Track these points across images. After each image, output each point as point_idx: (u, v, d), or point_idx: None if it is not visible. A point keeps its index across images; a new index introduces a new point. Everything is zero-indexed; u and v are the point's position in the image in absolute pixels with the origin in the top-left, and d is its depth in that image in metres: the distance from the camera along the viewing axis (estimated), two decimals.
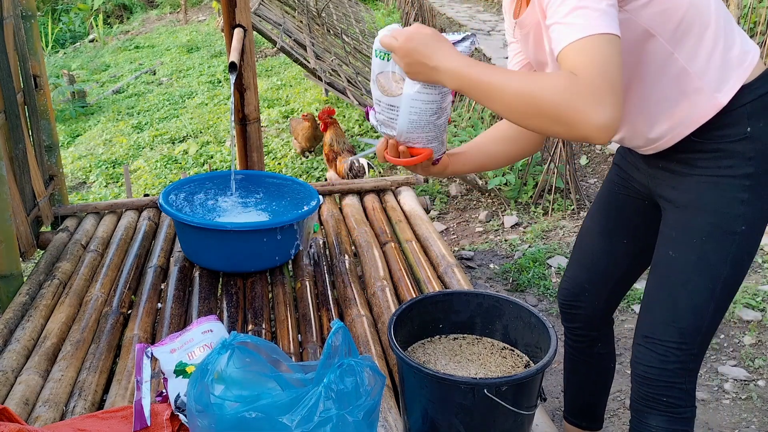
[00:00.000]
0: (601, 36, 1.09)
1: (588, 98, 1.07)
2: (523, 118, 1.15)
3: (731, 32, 1.32)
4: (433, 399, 1.49)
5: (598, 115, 1.06)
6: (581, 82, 1.08)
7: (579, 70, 1.08)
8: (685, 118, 1.33)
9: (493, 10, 10.17)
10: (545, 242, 3.56)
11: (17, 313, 2.23)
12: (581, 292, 1.74)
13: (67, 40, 11.13)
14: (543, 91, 1.10)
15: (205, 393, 1.31)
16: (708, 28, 1.28)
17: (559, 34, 1.13)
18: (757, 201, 1.34)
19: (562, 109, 1.08)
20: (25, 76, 2.83)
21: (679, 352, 1.42)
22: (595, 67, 1.08)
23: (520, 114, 1.15)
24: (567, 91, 1.08)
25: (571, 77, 1.09)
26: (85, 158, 5.46)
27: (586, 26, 1.09)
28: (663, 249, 1.44)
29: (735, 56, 1.30)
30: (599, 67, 1.08)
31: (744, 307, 2.84)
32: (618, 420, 2.32)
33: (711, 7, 1.29)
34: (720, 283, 1.38)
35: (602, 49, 1.09)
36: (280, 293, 2.33)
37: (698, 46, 1.29)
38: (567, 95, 1.08)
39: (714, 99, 1.30)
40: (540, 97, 1.10)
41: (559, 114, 1.09)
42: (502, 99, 1.15)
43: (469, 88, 1.19)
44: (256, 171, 2.92)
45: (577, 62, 1.09)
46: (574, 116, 1.08)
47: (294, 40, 4.93)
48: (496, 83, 1.15)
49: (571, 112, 1.08)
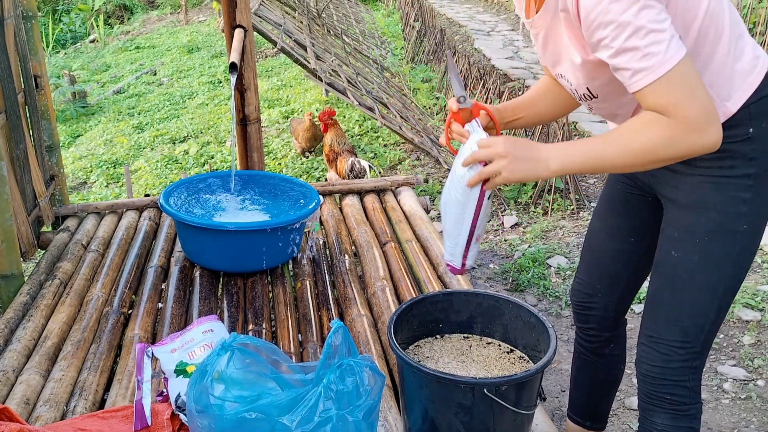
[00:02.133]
0: (676, 67, 1.17)
1: (692, 135, 1.20)
2: (635, 168, 1.29)
3: (742, 41, 1.32)
4: (433, 399, 1.49)
5: (705, 141, 1.20)
6: (678, 123, 1.19)
7: (670, 111, 1.19)
8: None
9: (492, 11, 10.17)
10: (545, 242, 3.57)
11: (18, 312, 2.24)
12: (594, 293, 1.74)
13: (68, 40, 11.13)
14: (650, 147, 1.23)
15: (205, 393, 1.31)
16: (722, 37, 1.29)
17: (630, 77, 1.20)
18: (758, 200, 1.34)
19: (672, 153, 1.22)
20: (26, 77, 2.84)
21: (682, 351, 1.43)
22: (682, 103, 1.18)
23: (632, 167, 1.28)
24: (671, 139, 1.21)
25: (667, 123, 1.20)
26: (86, 158, 5.46)
27: (657, 66, 1.17)
28: (665, 248, 1.44)
29: (745, 65, 1.31)
30: (686, 101, 1.18)
31: (743, 307, 2.84)
32: (618, 420, 2.33)
33: (726, 16, 1.29)
34: (723, 283, 1.39)
35: (680, 81, 1.18)
36: (280, 293, 2.34)
37: (711, 55, 1.29)
38: (673, 142, 1.21)
39: (723, 107, 1.31)
40: (649, 152, 1.23)
41: (673, 156, 1.23)
42: (611, 163, 1.28)
43: (576, 165, 1.30)
44: (257, 171, 2.92)
45: (663, 103, 1.19)
46: (687, 153, 1.22)
47: (294, 40, 4.93)
48: (602, 153, 1.27)
49: (681, 152, 1.22)
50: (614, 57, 1.19)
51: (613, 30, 1.16)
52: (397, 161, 4.72)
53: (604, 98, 1.39)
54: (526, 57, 7.03)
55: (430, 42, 6.89)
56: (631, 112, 1.41)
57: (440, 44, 6.61)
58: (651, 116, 1.22)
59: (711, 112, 1.19)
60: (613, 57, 1.20)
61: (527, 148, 1.32)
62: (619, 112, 1.42)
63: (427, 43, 6.99)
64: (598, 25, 1.18)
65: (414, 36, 7.40)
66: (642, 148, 1.23)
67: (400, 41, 8.20)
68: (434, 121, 5.33)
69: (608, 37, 1.18)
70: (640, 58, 1.17)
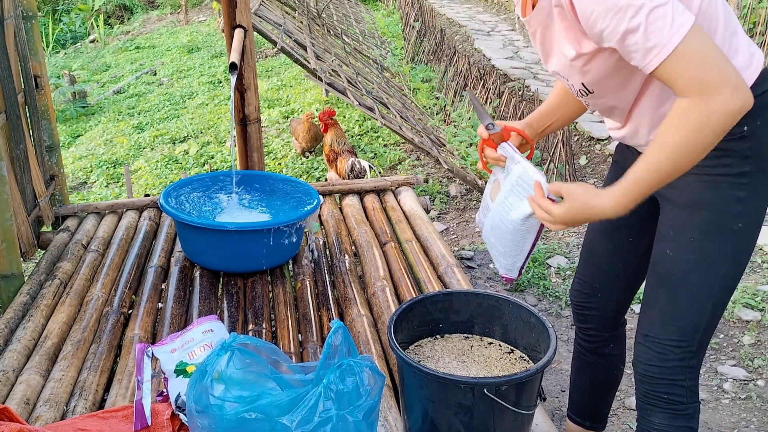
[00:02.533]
0: (683, 43, 1.14)
1: (719, 105, 1.15)
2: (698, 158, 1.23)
3: (736, 39, 1.32)
4: (433, 398, 1.49)
5: (734, 106, 1.16)
6: (701, 100, 1.16)
7: (688, 89, 1.16)
8: None
9: (492, 11, 10.17)
10: (545, 242, 3.57)
11: (18, 312, 2.24)
12: (593, 293, 1.74)
13: (68, 40, 11.13)
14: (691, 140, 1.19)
15: (205, 394, 1.31)
16: (715, 35, 1.29)
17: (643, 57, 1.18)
18: (754, 199, 1.34)
19: (714, 131, 1.18)
20: (26, 77, 2.84)
21: (678, 350, 1.43)
22: (698, 78, 1.15)
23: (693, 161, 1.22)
24: (702, 120, 1.17)
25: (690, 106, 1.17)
26: (86, 158, 5.46)
27: (665, 43, 1.14)
28: (661, 247, 1.44)
29: (740, 62, 1.31)
30: (703, 72, 1.15)
31: (743, 307, 2.84)
32: (618, 420, 2.33)
33: (720, 14, 1.30)
34: (718, 281, 1.39)
35: (692, 53, 1.15)
36: (280, 293, 2.34)
37: None
38: (706, 122, 1.17)
39: None
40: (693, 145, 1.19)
41: (717, 132, 1.18)
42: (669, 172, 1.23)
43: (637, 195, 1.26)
44: (257, 171, 2.92)
45: (682, 83, 1.17)
46: (725, 125, 1.18)
47: (294, 40, 4.93)
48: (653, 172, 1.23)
49: (720, 126, 1.17)
50: (621, 42, 1.18)
51: (613, 16, 1.16)
52: (397, 161, 4.72)
53: (599, 94, 1.40)
54: (526, 57, 7.03)
55: (430, 42, 6.89)
56: (628, 108, 1.41)
57: (440, 44, 6.61)
58: (679, 109, 1.20)
59: (729, 74, 1.16)
60: (620, 42, 1.18)
61: (582, 209, 1.30)
62: (615, 105, 1.42)
63: (427, 43, 6.99)
64: (597, 16, 1.17)
65: (414, 36, 7.40)
66: (685, 146, 1.20)
67: (400, 41, 8.21)
68: (434, 121, 5.33)
69: (610, 26, 1.17)
70: (646, 38, 1.15)
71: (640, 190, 1.25)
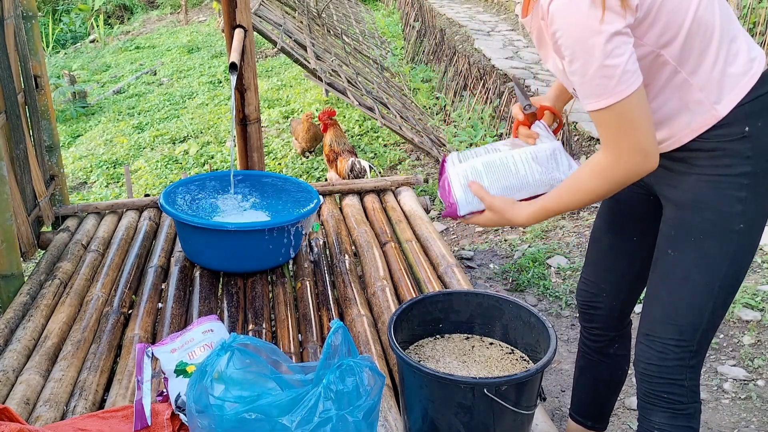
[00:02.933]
0: (625, 100, 1.24)
1: (624, 168, 1.30)
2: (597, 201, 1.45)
3: (735, 44, 1.32)
4: (433, 399, 1.49)
5: (638, 172, 1.31)
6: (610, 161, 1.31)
7: (605, 144, 1.31)
8: (684, 126, 1.35)
9: (492, 11, 10.17)
10: (545, 242, 3.57)
11: (18, 312, 2.24)
12: (599, 292, 1.74)
13: (68, 40, 11.13)
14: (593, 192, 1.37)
15: (205, 394, 1.31)
16: (711, 42, 1.29)
17: (584, 98, 1.29)
18: (755, 199, 1.34)
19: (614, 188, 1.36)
20: (26, 77, 2.84)
21: (677, 349, 1.43)
22: (617, 139, 1.28)
23: (594, 202, 1.43)
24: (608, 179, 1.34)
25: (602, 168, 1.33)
26: (86, 158, 5.46)
27: (604, 96, 1.25)
28: (663, 247, 1.45)
29: (738, 68, 1.31)
30: (621, 137, 1.27)
31: (743, 307, 2.84)
32: (618, 420, 2.33)
33: (716, 21, 1.30)
34: (719, 281, 1.39)
35: (621, 116, 1.25)
36: (280, 293, 2.34)
37: (701, 59, 1.30)
38: (610, 181, 1.34)
39: (713, 110, 1.32)
40: (596, 196, 1.39)
41: (616, 187, 1.36)
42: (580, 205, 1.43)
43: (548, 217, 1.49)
44: (257, 171, 2.92)
45: (604, 135, 1.31)
46: (626, 182, 1.34)
47: (294, 40, 4.93)
48: (561, 208, 1.45)
49: (621, 182, 1.34)
50: (571, 75, 1.28)
51: (571, 54, 1.25)
52: (397, 161, 4.72)
53: None
54: (526, 57, 7.03)
55: (430, 42, 6.89)
56: None
57: (440, 44, 6.61)
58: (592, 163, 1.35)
59: (645, 149, 1.28)
60: (570, 75, 1.29)
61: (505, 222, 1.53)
62: None
63: (427, 43, 6.99)
64: (562, 44, 1.26)
65: (414, 36, 7.41)
66: (588, 195, 1.38)
67: (400, 41, 8.21)
68: (434, 121, 5.33)
69: (567, 58, 1.27)
70: (589, 87, 1.25)
71: (546, 216, 1.48)
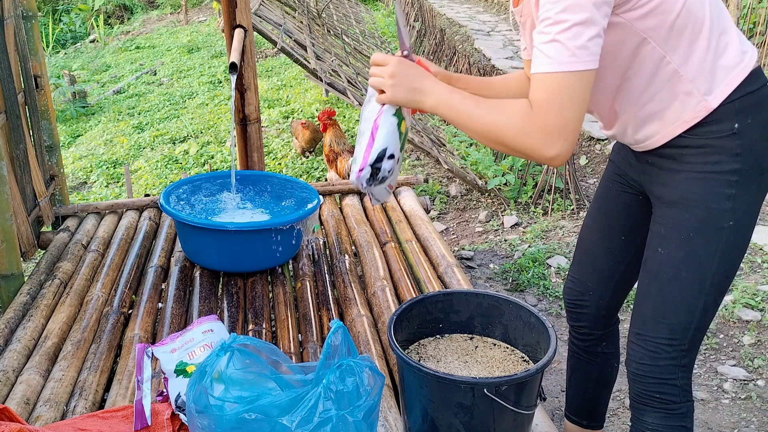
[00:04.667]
0: (568, 74, 1.19)
1: (538, 136, 1.23)
2: (488, 143, 1.33)
3: (726, 37, 1.32)
4: (433, 398, 1.49)
5: (548, 150, 1.23)
6: (535, 120, 1.23)
7: (537, 106, 1.23)
8: (675, 119, 1.35)
9: (492, 11, 10.17)
10: (545, 242, 3.57)
11: (18, 312, 2.24)
12: (585, 291, 1.75)
13: (68, 40, 11.14)
14: (502, 125, 1.27)
15: (204, 394, 1.31)
16: (701, 32, 1.29)
17: (535, 59, 1.24)
18: (744, 196, 1.35)
19: (517, 143, 1.26)
20: (26, 77, 2.84)
21: (669, 348, 1.43)
22: (551, 106, 1.21)
23: (485, 140, 1.32)
24: (521, 129, 1.24)
25: (528, 114, 1.23)
26: (86, 158, 5.46)
27: (556, 62, 1.20)
28: (652, 245, 1.45)
29: (728, 61, 1.31)
30: (556, 106, 1.21)
31: (743, 307, 2.84)
32: (618, 419, 2.33)
33: (705, 13, 1.30)
34: (709, 279, 1.39)
35: (563, 88, 1.20)
36: (280, 293, 2.34)
37: (691, 49, 1.30)
38: (520, 132, 1.24)
39: (704, 101, 1.31)
40: (499, 131, 1.28)
41: (515, 146, 1.27)
42: (470, 126, 1.32)
43: (446, 111, 1.34)
44: (257, 171, 2.92)
45: (537, 97, 1.23)
46: (526, 150, 1.26)
47: (294, 40, 4.93)
48: (468, 112, 1.32)
49: (523, 146, 1.25)
50: (537, 34, 1.24)
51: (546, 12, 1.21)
52: None
53: None
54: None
55: (430, 42, 6.89)
56: (608, 105, 1.41)
57: (440, 44, 6.61)
58: (522, 104, 1.25)
59: (570, 132, 1.21)
60: (536, 34, 1.24)
61: (415, 78, 1.37)
62: (594, 100, 1.43)
63: (427, 43, 6.99)
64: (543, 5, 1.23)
65: (414, 36, 7.40)
66: (495, 124, 1.28)
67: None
68: (434, 121, 5.33)
69: (542, 16, 1.22)
70: (551, 46, 1.20)
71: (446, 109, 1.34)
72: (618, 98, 1.39)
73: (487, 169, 4.14)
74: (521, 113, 1.24)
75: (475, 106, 1.31)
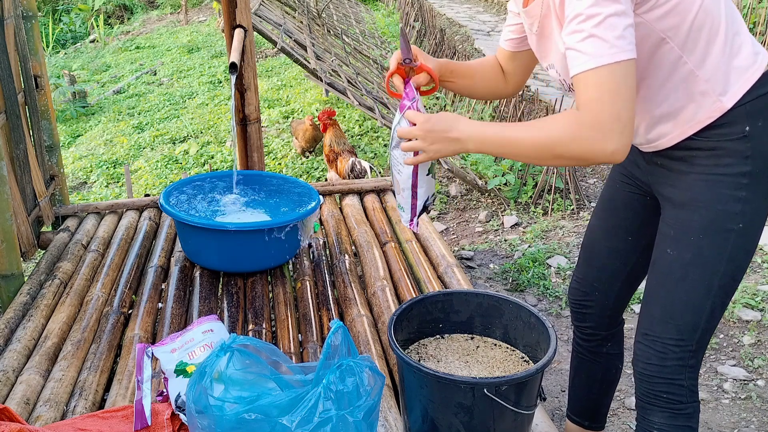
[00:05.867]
0: (613, 66, 1.17)
1: (593, 135, 1.19)
2: (543, 161, 1.32)
3: (740, 38, 1.33)
4: (433, 398, 1.49)
5: (606, 146, 1.19)
6: (585, 120, 1.20)
7: (585, 105, 1.20)
8: (689, 119, 1.34)
9: (493, 11, 10.17)
10: (545, 242, 3.57)
11: (18, 312, 2.24)
12: (591, 291, 1.75)
13: (68, 40, 11.13)
14: (553, 138, 1.24)
15: (204, 394, 1.31)
16: (717, 33, 1.29)
17: (572, 60, 1.22)
18: (754, 199, 1.34)
19: (573, 149, 1.23)
20: (26, 77, 2.84)
21: (677, 349, 1.43)
22: (600, 102, 1.18)
23: (540, 159, 1.31)
24: (574, 134, 1.21)
25: (576, 117, 1.21)
26: (86, 158, 5.46)
27: (596, 56, 1.18)
28: (661, 247, 1.45)
29: (742, 61, 1.31)
30: (605, 101, 1.18)
31: (743, 307, 2.84)
32: (618, 420, 2.33)
33: (722, 13, 1.30)
34: (717, 280, 1.39)
35: (609, 81, 1.18)
36: (280, 293, 2.34)
37: (707, 50, 1.30)
38: (574, 137, 1.21)
39: (719, 102, 1.31)
40: (551, 144, 1.25)
41: (572, 154, 1.23)
42: (520, 151, 1.31)
43: (491, 147, 1.34)
44: (257, 171, 2.92)
45: (584, 97, 1.20)
46: (584, 153, 1.22)
47: (294, 40, 4.93)
48: (513, 138, 1.31)
49: (580, 150, 1.22)
50: (569, 35, 1.22)
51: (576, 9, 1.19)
52: None
53: None
54: None
55: (430, 42, 6.89)
56: None
57: (440, 44, 6.61)
58: (566, 112, 1.25)
59: (625, 124, 1.19)
60: (568, 35, 1.22)
61: (447, 129, 1.38)
62: None
63: (427, 43, 6.99)
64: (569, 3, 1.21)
65: (414, 36, 7.40)
66: (546, 139, 1.26)
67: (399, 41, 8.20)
68: None
69: (569, 16, 1.21)
70: (588, 42, 1.18)
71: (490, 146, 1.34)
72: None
73: (487, 169, 4.14)
74: (569, 119, 1.23)
75: (518, 131, 1.30)
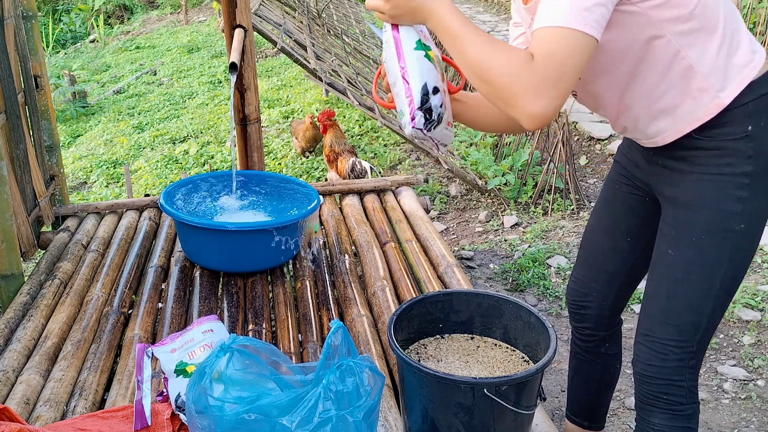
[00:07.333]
0: (574, 32, 1.16)
1: (530, 86, 1.16)
2: (474, 78, 1.24)
3: (738, 35, 1.32)
4: (433, 398, 1.49)
5: (532, 105, 1.16)
6: (532, 69, 1.16)
7: (538, 56, 1.16)
8: (687, 115, 1.34)
9: (493, 11, 10.17)
10: (545, 242, 3.57)
11: (18, 312, 2.24)
12: (589, 292, 1.74)
13: (68, 40, 11.14)
14: (496, 63, 1.19)
15: (204, 395, 1.31)
16: (716, 29, 1.29)
17: (541, 14, 1.19)
18: (755, 199, 1.34)
19: (504, 86, 1.18)
20: (26, 77, 2.84)
21: (677, 350, 1.43)
22: (551, 60, 1.16)
23: (473, 74, 1.23)
24: (515, 73, 1.17)
25: (527, 61, 1.17)
26: (86, 158, 5.46)
27: (565, 18, 1.16)
28: (662, 247, 1.44)
29: (740, 59, 1.31)
30: (556, 61, 1.15)
31: (743, 307, 2.84)
32: (618, 420, 2.33)
33: (720, 9, 1.30)
34: (718, 281, 1.38)
35: (568, 45, 1.16)
36: (280, 293, 2.34)
37: (706, 46, 1.29)
38: (514, 77, 1.17)
39: (717, 98, 1.31)
40: (491, 67, 1.19)
41: (500, 89, 1.19)
42: (464, 54, 1.24)
43: (443, 32, 1.27)
44: (257, 171, 2.92)
45: (540, 48, 1.17)
46: (511, 97, 1.17)
47: (294, 40, 4.93)
48: (464, 36, 1.23)
49: (510, 92, 1.17)
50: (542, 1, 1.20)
51: None
52: (397, 161, 4.72)
53: (587, 79, 1.39)
54: None
55: None
56: (617, 100, 1.40)
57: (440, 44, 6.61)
58: (524, 51, 1.19)
59: (561, 89, 1.16)
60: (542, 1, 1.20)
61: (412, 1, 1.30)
62: (604, 94, 1.42)
63: None
64: None
65: None
66: (490, 60, 1.20)
67: None
68: None
69: None
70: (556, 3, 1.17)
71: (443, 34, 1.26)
72: (628, 93, 1.37)
73: (487, 169, 4.14)
74: (520, 58, 1.17)
75: (475, 37, 1.23)
